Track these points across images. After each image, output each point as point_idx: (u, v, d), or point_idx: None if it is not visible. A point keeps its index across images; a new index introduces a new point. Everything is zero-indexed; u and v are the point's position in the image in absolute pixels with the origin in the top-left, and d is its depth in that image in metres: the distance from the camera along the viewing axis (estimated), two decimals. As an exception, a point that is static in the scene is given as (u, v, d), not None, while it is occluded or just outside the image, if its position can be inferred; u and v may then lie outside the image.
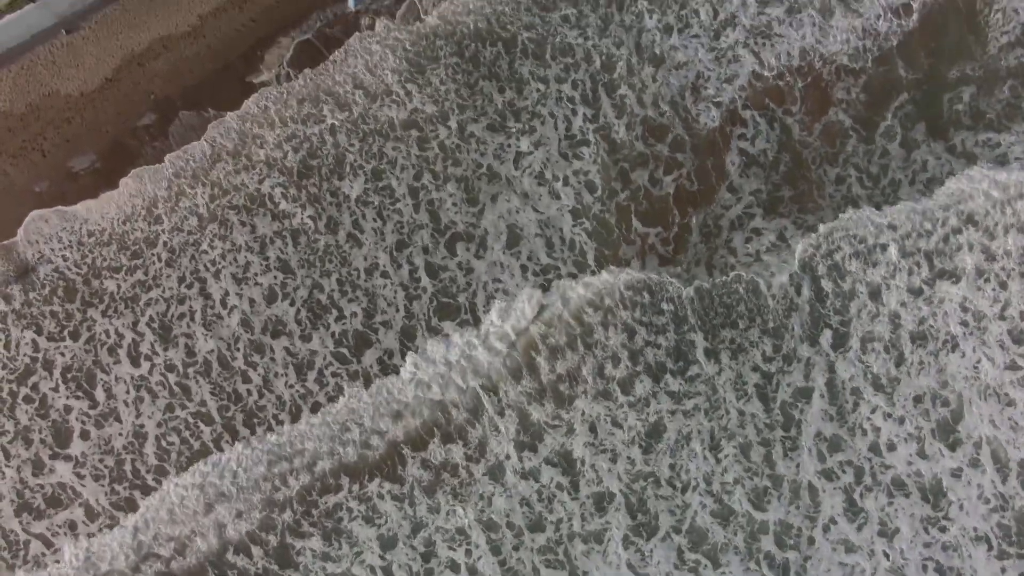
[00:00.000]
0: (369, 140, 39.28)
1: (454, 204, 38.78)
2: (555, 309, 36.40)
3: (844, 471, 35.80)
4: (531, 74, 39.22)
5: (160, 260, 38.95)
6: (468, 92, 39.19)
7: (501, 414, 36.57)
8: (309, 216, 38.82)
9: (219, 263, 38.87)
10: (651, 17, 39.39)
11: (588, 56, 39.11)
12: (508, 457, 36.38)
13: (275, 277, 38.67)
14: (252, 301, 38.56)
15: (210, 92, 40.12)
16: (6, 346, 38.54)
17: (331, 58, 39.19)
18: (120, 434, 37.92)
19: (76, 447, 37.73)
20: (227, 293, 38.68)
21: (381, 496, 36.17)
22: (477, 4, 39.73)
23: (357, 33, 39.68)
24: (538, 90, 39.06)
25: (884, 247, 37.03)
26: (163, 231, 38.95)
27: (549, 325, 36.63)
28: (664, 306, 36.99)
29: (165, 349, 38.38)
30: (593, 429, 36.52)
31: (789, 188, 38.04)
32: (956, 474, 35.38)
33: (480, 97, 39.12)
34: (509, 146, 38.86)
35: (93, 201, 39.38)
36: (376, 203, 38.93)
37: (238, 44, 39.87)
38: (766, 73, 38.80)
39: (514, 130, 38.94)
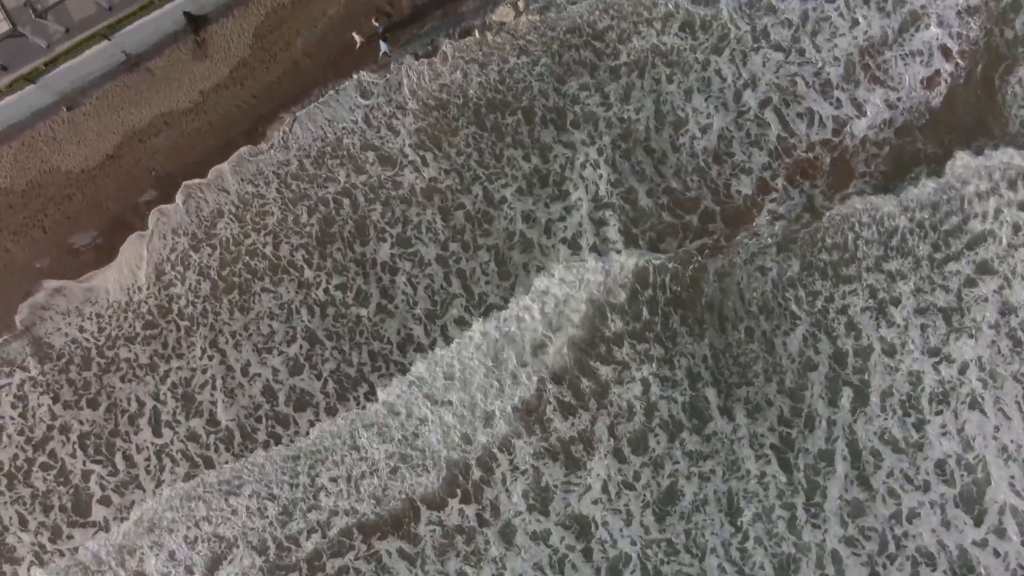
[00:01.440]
0: (392, 204, 39.69)
1: (485, 274, 38.90)
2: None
3: (868, 537, 35.66)
4: (555, 139, 39.52)
5: (178, 329, 39.54)
6: (495, 161, 39.48)
7: (515, 471, 36.81)
8: (336, 285, 39.22)
9: (240, 334, 39.28)
10: (671, 82, 39.62)
11: (610, 123, 39.39)
12: (520, 515, 36.64)
13: (300, 347, 38.98)
14: (275, 371, 38.91)
15: (210, 170, 40.07)
16: (23, 414, 39.38)
17: (323, 98, 39.92)
18: (142, 501, 38.51)
19: (97, 513, 38.58)
20: (249, 363, 39.12)
21: (390, 553, 36.47)
22: (481, 76, 40.09)
23: (354, 77, 39.80)
24: (565, 155, 39.31)
25: (897, 301, 36.91)
26: (176, 296, 39.72)
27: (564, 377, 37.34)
28: (678, 360, 37.14)
29: (187, 417, 38.92)
30: (606, 490, 36.55)
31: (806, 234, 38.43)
32: (982, 544, 35.08)
33: (507, 165, 39.46)
34: (539, 214, 39.11)
35: (100, 271, 40.17)
36: (406, 270, 39.17)
37: (240, 120, 40.18)
38: (792, 140, 39.17)
39: (544, 196, 39.11)
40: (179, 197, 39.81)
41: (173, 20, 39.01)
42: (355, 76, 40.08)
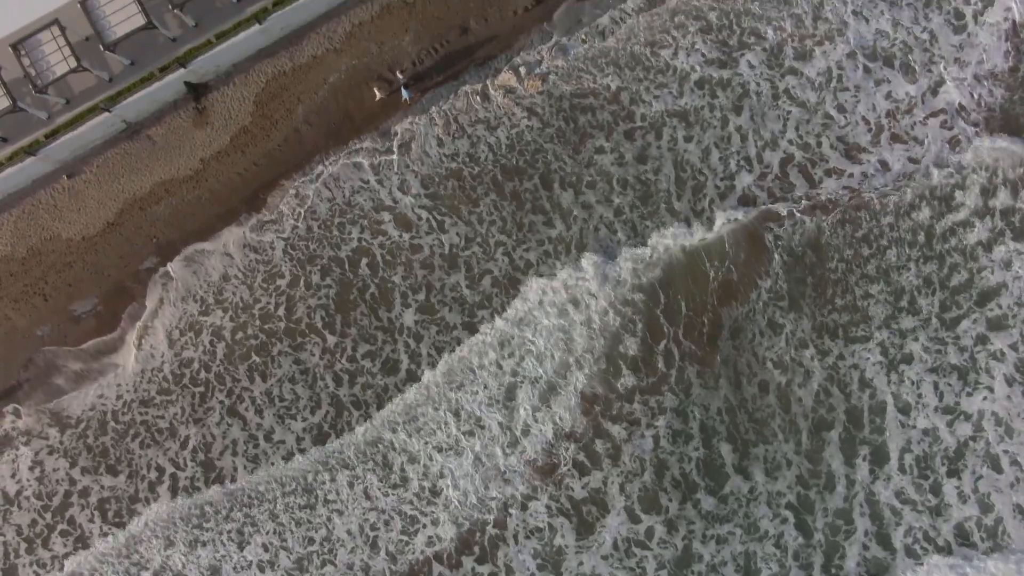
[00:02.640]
0: (415, 269, 39.55)
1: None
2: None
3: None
4: (573, 202, 39.32)
5: (193, 395, 39.49)
6: (516, 228, 39.36)
7: (527, 529, 36.71)
8: (363, 354, 39.04)
9: (262, 399, 39.15)
10: (689, 142, 39.50)
11: (625, 184, 39.26)
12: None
13: (326, 414, 38.81)
14: (299, 438, 38.71)
15: (213, 235, 40.08)
16: (40, 479, 39.48)
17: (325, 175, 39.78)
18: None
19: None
20: (272, 429, 38.99)
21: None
22: (492, 138, 40.16)
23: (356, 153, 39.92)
24: (584, 219, 39.11)
25: (910, 359, 36.89)
26: (189, 360, 39.68)
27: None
28: (691, 411, 37.03)
29: (207, 484, 38.86)
30: (617, 547, 36.31)
31: (813, 288, 38.23)
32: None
33: (530, 232, 39.32)
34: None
35: (112, 339, 40.34)
36: (432, 336, 38.92)
37: (240, 188, 40.24)
38: (817, 193, 39.07)
39: (571, 260, 38.94)
40: (181, 263, 39.78)
41: (174, 89, 39.16)
42: (361, 144, 40.08)
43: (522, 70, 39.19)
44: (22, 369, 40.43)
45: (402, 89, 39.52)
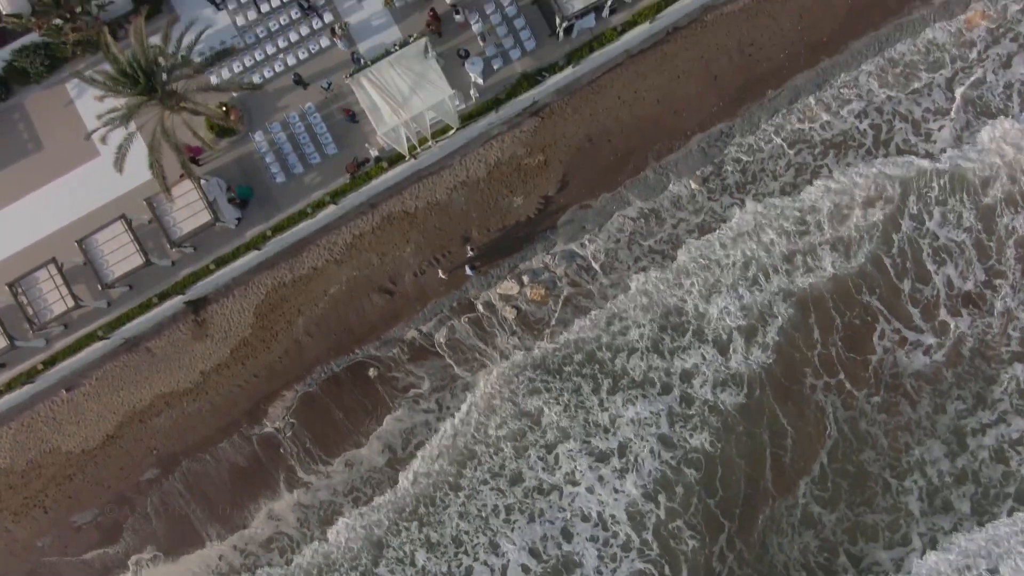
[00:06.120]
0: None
1: None
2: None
3: None
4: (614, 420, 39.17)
5: None
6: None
7: None
8: None
9: None
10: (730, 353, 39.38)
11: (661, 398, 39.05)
12: None
13: None
14: None
15: (213, 448, 39.90)
16: None
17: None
18: None
19: None
20: None
21: None
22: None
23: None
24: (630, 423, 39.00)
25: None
26: None
27: None
28: None
29: None
30: None
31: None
32: None
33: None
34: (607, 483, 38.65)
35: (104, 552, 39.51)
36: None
37: (241, 400, 39.95)
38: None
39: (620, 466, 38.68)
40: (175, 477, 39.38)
41: (172, 306, 39.02)
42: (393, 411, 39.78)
43: (524, 278, 38.98)
44: (24, 582, 40.07)
45: (467, 267, 39.28)
